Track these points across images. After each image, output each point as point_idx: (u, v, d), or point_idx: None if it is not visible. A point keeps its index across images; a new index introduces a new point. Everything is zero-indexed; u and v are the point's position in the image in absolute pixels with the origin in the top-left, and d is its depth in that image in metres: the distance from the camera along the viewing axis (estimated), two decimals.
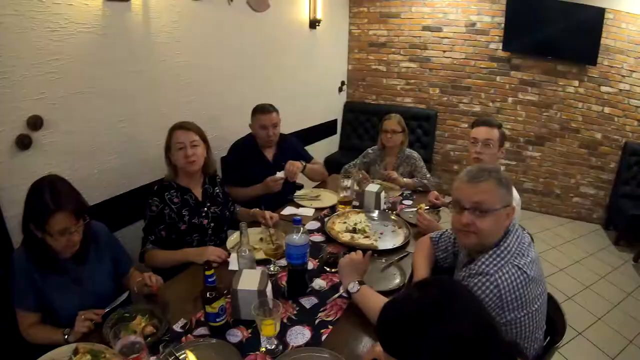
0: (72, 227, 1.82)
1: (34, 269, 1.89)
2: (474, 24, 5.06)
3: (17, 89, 2.43)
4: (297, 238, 1.91)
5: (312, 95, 5.21)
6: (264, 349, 1.67)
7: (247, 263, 2.02)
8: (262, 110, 3.10)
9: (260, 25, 4.09)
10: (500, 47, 4.99)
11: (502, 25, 4.88)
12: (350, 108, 5.96)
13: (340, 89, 5.88)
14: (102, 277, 2.08)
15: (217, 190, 2.72)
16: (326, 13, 4.96)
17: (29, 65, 2.45)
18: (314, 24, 4.83)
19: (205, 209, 2.58)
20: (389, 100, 5.79)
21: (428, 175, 3.40)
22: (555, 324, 1.83)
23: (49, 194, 1.79)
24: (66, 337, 1.79)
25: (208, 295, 1.70)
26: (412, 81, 5.57)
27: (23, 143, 2.47)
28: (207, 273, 1.71)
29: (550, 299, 1.83)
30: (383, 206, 2.84)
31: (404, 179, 3.28)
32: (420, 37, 5.35)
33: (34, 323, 1.92)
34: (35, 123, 2.50)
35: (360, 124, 5.87)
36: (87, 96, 2.73)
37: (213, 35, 3.57)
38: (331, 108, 5.80)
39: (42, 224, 1.79)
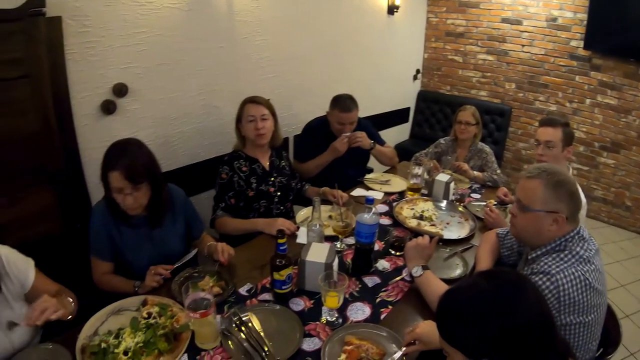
0: (126, 189, 1.87)
1: (112, 221, 2.02)
2: (555, 19, 4.81)
3: (104, 58, 2.59)
4: (367, 217, 1.94)
5: (386, 82, 5.16)
6: (324, 320, 1.73)
7: (315, 237, 2.07)
8: (342, 108, 3.03)
9: (340, 8, 4.09)
10: (582, 46, 4.69)
11: (585, 22, 4.59)
12: (423, 97, 5.86)
13: (415, 77, 5.79)
14: (174, 239, 2.18)
15: (284, 163, 2.82)
16: None
17: (116, 37, 2.60)
18: (392, 9, 4.77)
19: (272, 178, 2.68)
20: (464, 92, 5.64)
21: (498, 171, 3.31)
22: (609, 334, 1.77)
23: (115, 153, 1.89)
24: (136, 289, 1.91)
25: (277, 263, 1.74)
26: (488, 74, 5.39)
27: (108, 108, 2.64)
28: (280, 241, 1.75)
29: (609, 309, 1.76)
30: (451, 197, 2.81)
31: (474, 172, 3.22)
32: (499, 29, 5.16)
33: (106, 272, 2.06)
34: (121, 90, 2.66)
35: (432, 114, 5.76)
36: (170, 68, 2.87)
37: (292, 15, 3.62)
38: (405, 96, 5.72)
39: (104, 179, 1.90)
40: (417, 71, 5.79)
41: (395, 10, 4.79)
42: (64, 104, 2.51)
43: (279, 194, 2.70)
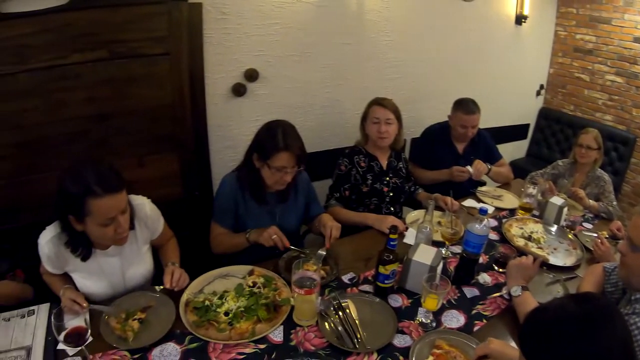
0: (289, 168, 2.06)
1: (240, 194, 2.21)
2: None
3: (239, 44, 2.80)
4: (479, 227, 1.94)
5: (508, 94, 4.93)
6: (418, 320, 1.77)
7: (424, 239, 2.10)
8: (465, 110, 3.03)
9: (467, 14, 4.01)
10: None
11: None
12: (545, 115, 5.53)
13: (538, 93, 5.46)
14: (292, 217, 2.36)
15: (401, 165, 2.86)
16: (533, 9, 4.64)
17: (252, 26, 2.80)
18: (519, 19, 4.57)
19: (388, 178, 2.75)
20: (588, 114, 5.23)
21: (614, 203, 3.09)
22: None
23: (282, 135, 2.05)
24: (247, 236, 2.12)
25: (385, 257, 1.80)
26: (616, 97, 4.95)
27: (238, 91, 2.86)
28: (391, 236, 1.80)
29: None
30: (562, 222, 2.70)
31: (590, 201, 3.05)
32: (630, 49, 4.68)
33: (221, 233, 2.25)
34: (252, 75, 2.86)
35: (552, 134, 5.44)
36: (299, 59, 3.03)
37: (420, 19, 3.61)
38: (525, 111, 5.45)
39: (266, 157, 2.06)
40: (541, 87, 5.45)
41: (523, 20, 4.59)
42: (198, 82, 2.75)
43: (391, 194, 2.77)
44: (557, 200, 2.71)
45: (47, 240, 1.77)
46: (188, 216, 2.38)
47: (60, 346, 1.63)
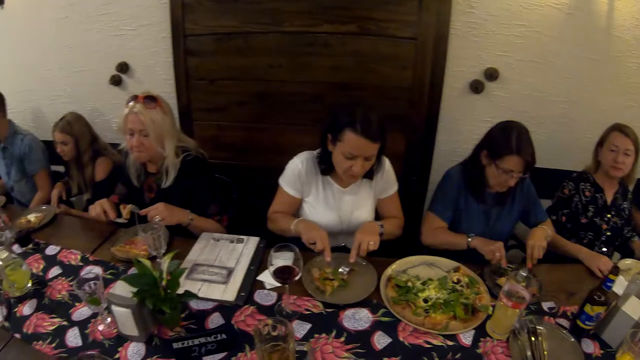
0: (515, 173, 2.11)
1: (463, 188, 2.32)
2: None
3: (484, 41, 2.84)
4: None
5: None
6: None
7: (635, 291, 1.93)
8: None
9: None
10: None
11: None
12: None
13: None
14: (506, 222, 2.41)
15: (625, 205, 2.68)
16: None
17: (498, 24, 2.80)
18: None
19: (609, 215, 2.60)
20: None
21: None
22: None
23: (516, 137, 2.09)
24: (470, 240, 2.20)
25: (596, 297, 1.72)
26: None
27: (476, 88, 2.93)
28: (610, 277, 1.72)
29: None
30: None
31: None
32: None
33: (439, 227, 2.36)
34: (492, 75, 2.90)
35: None
36: (541, 67, 2.95)
37: None
38: None
39: (495, 157, 2.13)
40: None
41: None
42: (439, 71, 2.89)
43: (608, 234, 2.61)
44: None
45: (303, 158, 2.18)
46: (401, 198, 2.47)
47: (261, 277, 1.94)
